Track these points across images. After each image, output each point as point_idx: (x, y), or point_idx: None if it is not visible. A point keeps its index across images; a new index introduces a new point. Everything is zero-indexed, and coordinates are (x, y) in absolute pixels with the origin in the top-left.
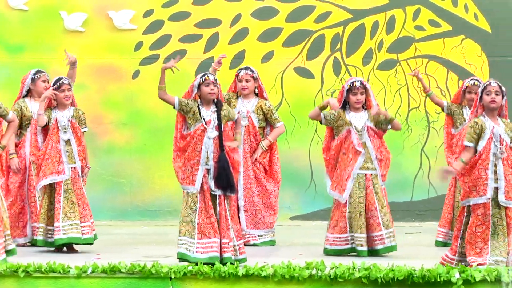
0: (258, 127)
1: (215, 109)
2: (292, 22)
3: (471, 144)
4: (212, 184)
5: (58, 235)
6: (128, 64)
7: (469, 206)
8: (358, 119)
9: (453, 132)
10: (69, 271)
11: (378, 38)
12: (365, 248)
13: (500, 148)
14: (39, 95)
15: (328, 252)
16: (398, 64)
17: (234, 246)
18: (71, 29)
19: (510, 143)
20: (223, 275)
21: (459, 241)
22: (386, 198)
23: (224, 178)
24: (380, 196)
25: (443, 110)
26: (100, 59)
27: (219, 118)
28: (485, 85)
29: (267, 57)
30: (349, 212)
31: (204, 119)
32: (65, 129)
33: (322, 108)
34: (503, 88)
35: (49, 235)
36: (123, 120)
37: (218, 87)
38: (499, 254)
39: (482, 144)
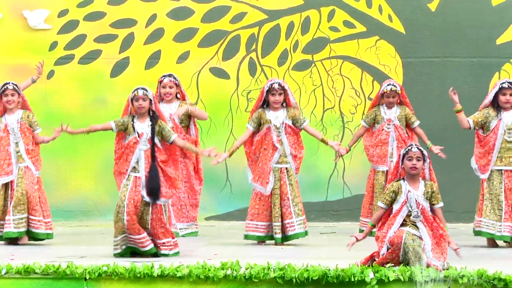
0: (182, 127)
1: (150, 122)
2: (207, 22)
3: (383, 206)
4: (143, 192)
5: (8, 228)
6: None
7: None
8: (277, 117)
9: (374, 129)
10: None
11: (293, 38)
12: (279, 235)
13: (415, 211)
14: None
15: (249, 238)
16: (313, 64)
17: (164, 243)
18: None
19: (435, 205)
20: (138, 275)
21: None
22: (298, 189)
23: (152, 187)
24: (293, 187)
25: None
26: (15, 59)
27: (152, 131)
28: (406, 150)
29: (183, 57)
30: (269, 202)
31: (137, 132)
32: (14, 131)
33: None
34: (425, 152)
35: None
36: (38, 120)
37: (149, 100)
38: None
39: (396, 207)
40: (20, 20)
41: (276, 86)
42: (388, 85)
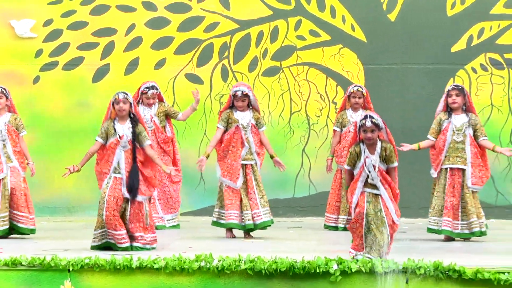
0: (162, 127)
1: (131, 125)
2: (183, 31)
3: (349, 167)
4: (124, 190)
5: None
6: (29, 70)
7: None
8: (244, 117)
9: (341, 132)
10: None
11: (262, 46)
12: (251, 222)
13: (374, 173)
14: None
15: (230, 225)
16: (281, 71)
17: (148, 238)
18: None
19: (389, 165)
20: (118, 267)
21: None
22: (262, 183)
23: (132, 184)
24: (258, 181)
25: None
26: (3, 65)
27: (133, 133)
28: (361, 123)
29: (160, 64)
30: (239, 194)
31: (118, 134)
32: (1, 133)
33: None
34: (379, 122)
35: None
36: (24, 123)
37: (129, 104)
38: (371, 253)
39: (355, 171)
40: (7, 29)
41: (239, 94)
42: (354, 86)
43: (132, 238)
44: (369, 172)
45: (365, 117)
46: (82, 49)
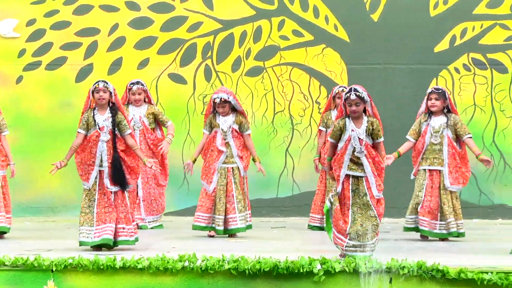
0: (151, 128)
1: (110, 114)
2: (166, 31)
3: (332, 140)
4: (107, 182)
5: None
6: (12, 70)
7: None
8: (225, 122)
9: (326, 133)
10: None
11: (246, 46)
12: (221, 228)
13: (359, 148)
14: None
15: (195, 228)
16: (264, 71)
17: (129, 229)
18: None
19: (375, 140)
20: (102, 267)
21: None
22: (246, 186)
23: (117, 176)
24: (237, 185)
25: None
26: None
27: (113, 123)
28: (346, 96)
29: (143, 63)
30: (213, 196)
31: (98, 125)
32: None
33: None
34: (363, 95)
35: None
36: (8, 122)
37: (110, 93)
38: (359, 239)
39: (340, 144)
40: None
41: (217, 101)
42: (339, 87)
43: (114, 231)
44: (355, 145)
45: (350, 90)
46: (65, 49)
